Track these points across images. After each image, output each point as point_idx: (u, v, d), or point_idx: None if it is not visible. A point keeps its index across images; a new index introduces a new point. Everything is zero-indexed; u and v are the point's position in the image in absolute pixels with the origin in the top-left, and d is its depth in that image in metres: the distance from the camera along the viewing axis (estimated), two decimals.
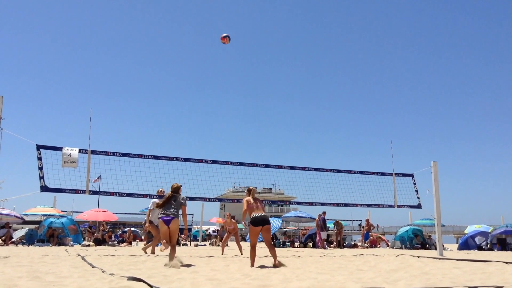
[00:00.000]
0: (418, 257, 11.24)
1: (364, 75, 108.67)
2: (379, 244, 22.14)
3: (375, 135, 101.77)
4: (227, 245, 15.33)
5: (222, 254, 11.95)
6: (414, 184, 13.83)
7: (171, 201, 7.86)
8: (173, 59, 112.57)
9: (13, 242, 17.77)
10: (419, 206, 13.73)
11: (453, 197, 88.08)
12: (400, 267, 7.88)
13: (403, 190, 13.69)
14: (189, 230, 24.90)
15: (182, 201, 7.95)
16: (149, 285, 4.59)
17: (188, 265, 7.72)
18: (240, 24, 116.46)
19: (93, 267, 7.07)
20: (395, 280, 5.68)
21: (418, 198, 13.73)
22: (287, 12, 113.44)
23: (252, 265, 7.71)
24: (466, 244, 20.13)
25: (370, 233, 22.95)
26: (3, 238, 17.67)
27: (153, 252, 11.46)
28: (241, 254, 12.05)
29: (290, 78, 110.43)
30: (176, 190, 8.04)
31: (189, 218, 27.58)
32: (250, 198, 7.93)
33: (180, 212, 8.03)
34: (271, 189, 72.07)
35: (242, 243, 14.33)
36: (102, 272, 6.21)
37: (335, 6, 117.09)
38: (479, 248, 19.33)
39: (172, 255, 7.55)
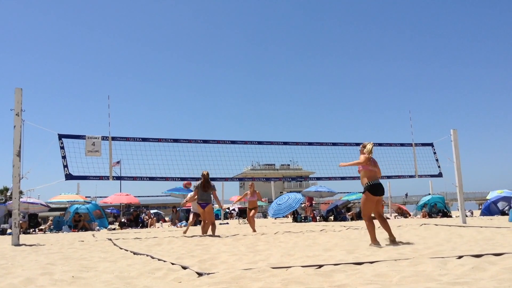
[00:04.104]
0: (436, 225, 11.27)
1: (379, 47, 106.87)
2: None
3: (392, 106, 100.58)
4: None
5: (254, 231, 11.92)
6: (434, 153, 13.76)
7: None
8: (189, 40, 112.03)
9: (41, 230, 18.26)
10: (440, 175, 13.68)
11: (473, 163, 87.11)
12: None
13: (423, 159, 13.66)
14: None
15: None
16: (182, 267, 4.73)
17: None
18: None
19: (123, 249, 7.26)
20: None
21: (439, 167, 13.67)
22: None
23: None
24: (489, 210, 20.04)
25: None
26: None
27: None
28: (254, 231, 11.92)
29: (305, 56, 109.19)
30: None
31: None
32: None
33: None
34: (289, 165, 72.13)
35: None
36: (134, 254, 6.39)
37: None
38: (502, 213, 19.23)
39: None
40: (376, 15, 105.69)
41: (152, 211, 26.50)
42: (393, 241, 6.60)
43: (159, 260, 5.44)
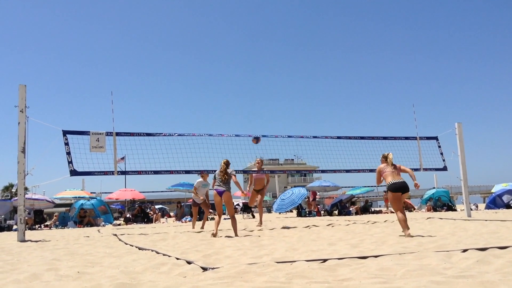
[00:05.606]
0: (441, 218, 11.24)
1: (383, 40, 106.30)
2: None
3: (396, 99, 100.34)
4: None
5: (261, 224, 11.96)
6: (439, 146, 13.70)
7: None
8: (192, 36, 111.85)
9: (46, 226, 18.34)
10: (444, 168, 13.63)
11: (478, 157, 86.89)
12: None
13: (428, 153, 13.59)
14: None
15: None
16: (188, 262, 4.74)
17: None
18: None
19: (128, 245, 7.29)
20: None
21: (444, 160, 13.63)
22: None
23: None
24: (494, 203, 19.98)
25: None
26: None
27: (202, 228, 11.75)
28: (260, 224, 11.97)
29: (309, 50, 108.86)
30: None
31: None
32: None
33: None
34: (293, 160, 72.19)
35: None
36: (139, 249, 6.41)
37: None
38: (507, 206, 19.17)
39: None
40: (379, 7, 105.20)
41: (157, 207, 26.60)
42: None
43: (164, 255, 5.46)
